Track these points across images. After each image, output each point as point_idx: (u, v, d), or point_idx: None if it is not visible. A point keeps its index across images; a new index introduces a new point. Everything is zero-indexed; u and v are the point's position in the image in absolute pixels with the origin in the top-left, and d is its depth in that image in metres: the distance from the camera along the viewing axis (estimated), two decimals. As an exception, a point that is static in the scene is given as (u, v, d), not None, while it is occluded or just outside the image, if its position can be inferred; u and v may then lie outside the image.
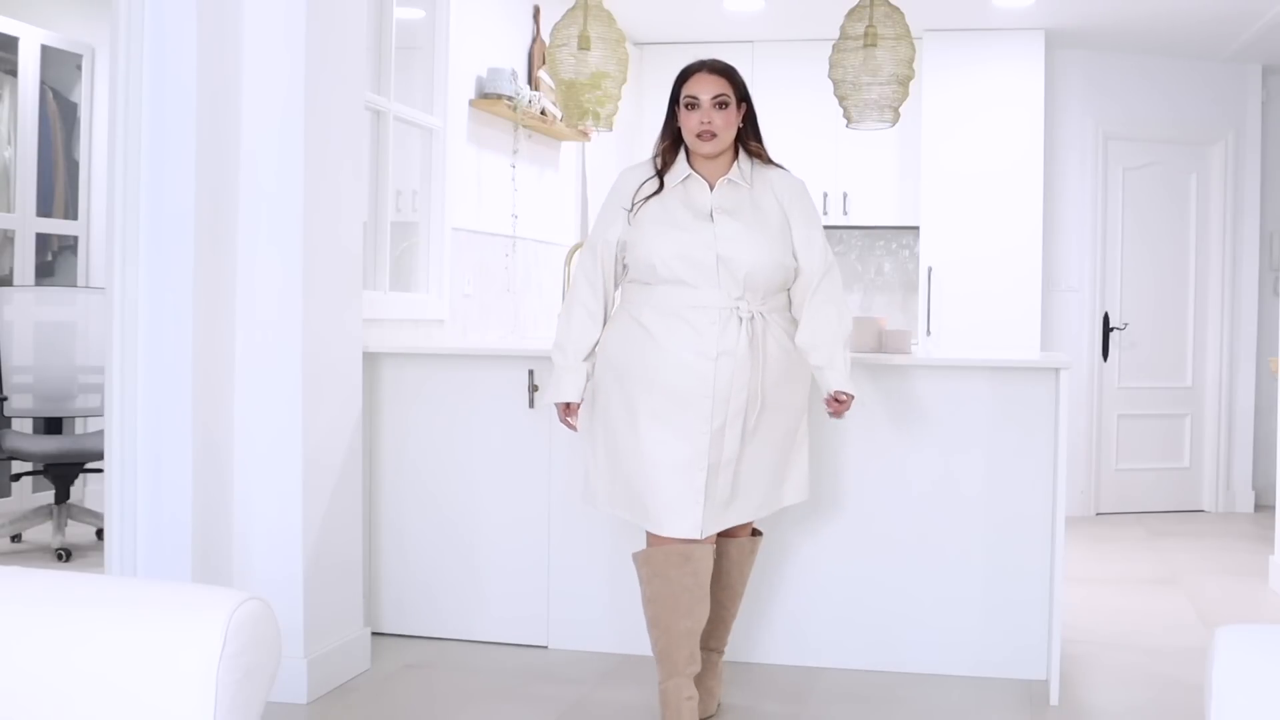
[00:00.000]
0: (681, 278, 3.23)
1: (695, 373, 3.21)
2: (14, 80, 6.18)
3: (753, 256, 3.24)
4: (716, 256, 3.23)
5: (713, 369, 3.20)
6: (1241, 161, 7.43)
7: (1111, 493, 7.31)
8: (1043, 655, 3.86)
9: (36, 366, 5.71)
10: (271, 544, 3.58)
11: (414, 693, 3.72)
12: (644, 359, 3.24)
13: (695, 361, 3.21)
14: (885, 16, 4.41)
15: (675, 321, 3.23)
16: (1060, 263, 7.20)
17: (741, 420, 3.24)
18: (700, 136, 3.27)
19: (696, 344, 3.21)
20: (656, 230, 3.27)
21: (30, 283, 6.17)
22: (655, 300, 3.27)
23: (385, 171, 4.80)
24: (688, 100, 3.29)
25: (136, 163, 3.36)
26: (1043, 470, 3.87)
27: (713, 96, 3.27)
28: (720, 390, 3.21)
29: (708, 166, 3.34)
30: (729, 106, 3.29)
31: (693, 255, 3.23)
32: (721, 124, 3.27)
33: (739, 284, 3.23)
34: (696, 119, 3.27)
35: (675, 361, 3.21)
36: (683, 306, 3.24)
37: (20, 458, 5.52)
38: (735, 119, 3.31)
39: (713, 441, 3.22)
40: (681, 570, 3.25)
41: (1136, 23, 6.63)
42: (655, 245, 3.25)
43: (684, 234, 3.25)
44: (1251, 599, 5.19)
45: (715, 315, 3.22)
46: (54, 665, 1.59)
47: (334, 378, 3.74)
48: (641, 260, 3.28)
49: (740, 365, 3.21)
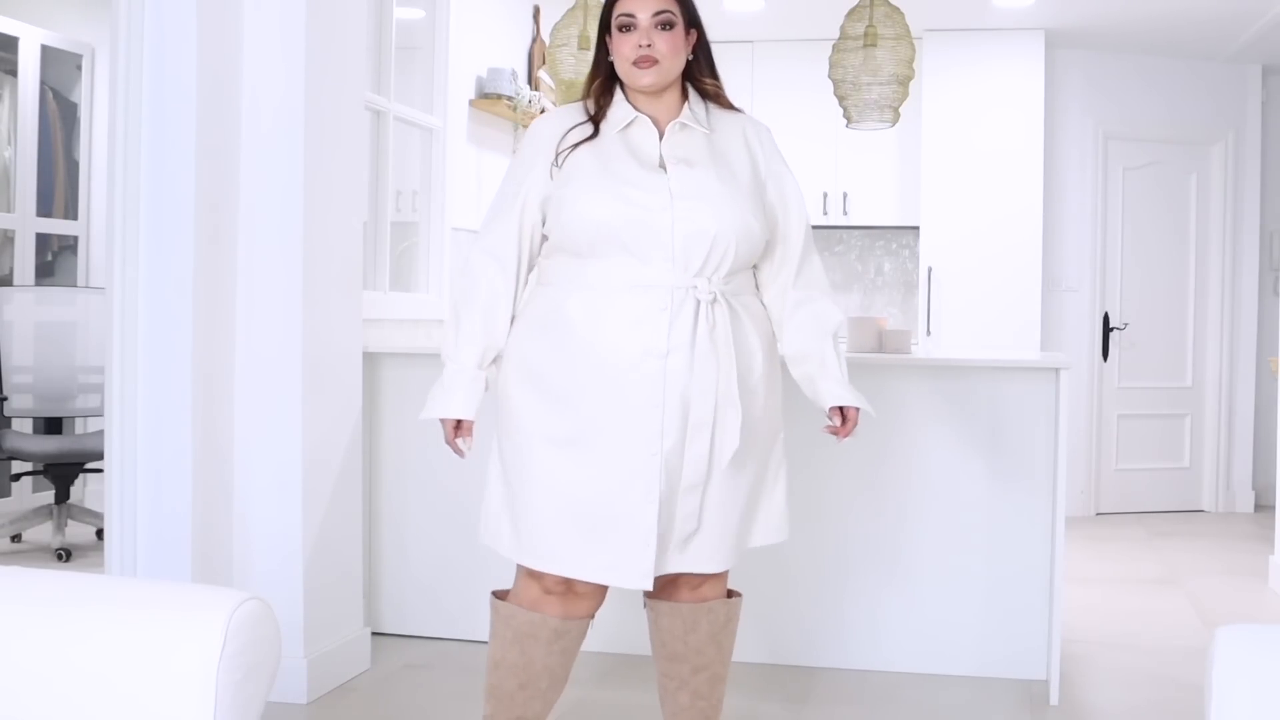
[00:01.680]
0: (627, 248, 2.50)
1: (640, 375, 2.49)
2: (14, 80, 6.18)
3: (719, 220, 2.51)
4: (673, 219, 2.50)
5: (662, 369, 2.49)
6: (1241, 161, 7.44)
7: (1111, 493, 7.31)
8: (1043, 655, 3.86)
9: (36, 366, 5.71)
10: (271, 544, 3.58)
11: (414, 693, 3.72)
12: (570, 359, 2.52)
13: (640, 361, 2.49)
14: (885, 16, 4.42)
15: (613, 308, 2.50)
16: (1060, 263, 7.20)
17: (706, 436, 2.52)
18: (638, 64, 2.56)
19: (641, 337, 2.49)
20: (593, 184, 2.52)
21: (30, 283, 6.17)
22: (587, 279, 2.54)
23: (385, 171, 4.80)
24: (621, 20, 2.58)
25: (136, 163, 3.36)
26: (1043, 470, 3.87)
27: (654, 14, 2.56)
28: (673, 398, 2.48)
29: (652, 107, 2.62)
30: (675, 28, 2.58)
31: (641, 217, 2.49)
32: (666, 49, 2.56)
33: (701, 256, 2.51)
34: (633, 42, 2.56)
35: (613, 361, 2.50)
36: (624, 287, 2.50)
37: (20, 458, 5.52)
38: (684, 45, 2.61)
39: (666, 465, 2.49)
40: (549, 647, 2.62)
41: (1136, 23, 6.63)
42: (590, 204, 2.51)
43: (631, 189, 2.51)
44: (1251, 599, 5.19)
45: (666, 298, 2.49)
46: (54, 665, 1.59)
47: (334, 378, 3.74)
48: (570, 225, 2.53)
49: (700, 364, 2.50)
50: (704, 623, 2.67)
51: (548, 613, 2.61)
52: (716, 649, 2.69)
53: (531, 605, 2.62)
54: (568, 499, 2.52)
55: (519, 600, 2.65)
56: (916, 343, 6.84)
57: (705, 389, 2.50)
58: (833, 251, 7.60)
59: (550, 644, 2.62)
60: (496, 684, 2.66)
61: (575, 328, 2.52)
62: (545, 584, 2.61)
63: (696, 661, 2.68)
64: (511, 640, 2.63)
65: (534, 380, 2.56)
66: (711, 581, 2.69)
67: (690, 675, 2.69)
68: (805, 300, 2.68)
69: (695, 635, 2.66)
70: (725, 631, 2.70)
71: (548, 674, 2.64)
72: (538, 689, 2.65)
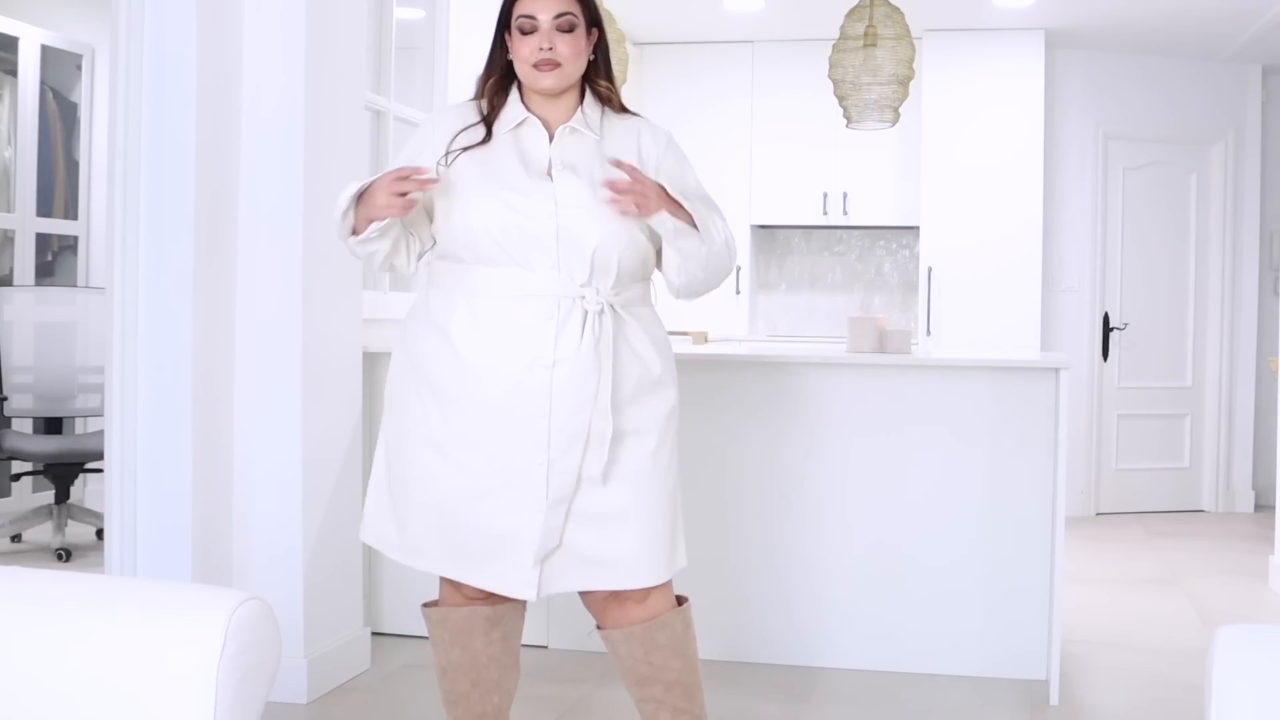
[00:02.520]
0: (512, 256, 2.47)
1: (525, 386, 2.46)
2: (14, 80, 6.18)
3: (603, 229, 2.48)
4: (557, 227, 2.47)
5: (548, 380, 2.46)
6: (1241, 161, 7.44)
7: (1111, 493, 7.31)
8: (1043, 655, 3.86)
9: (36, 366, 5.71)
10: (271, 544, 3.58)
11: (414, 693, 3.72)
12: (456, 365, 2.50)
13: (526, 371, 2.46)
14: (885, 16, 4.42)
15: (500, 317, 2.48)
16: (1060, 263, 7.20)
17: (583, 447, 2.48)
18: (538, 67, 2.52)
19: (527, 347, 2.46)
20: (477, 190, 2.50)
21: (30, 283, 6.17)
22: (472, 285, 2.51)
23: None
24: (522, 22, 2.53)
25: (136, 163, 3.36)
26: (1043, 470, 3.87)
27: (555, 16, 2.52)
28: (560, 408, 2.46)
29: (546, 109, 2.58)
30: (576, 30, 2.54)
31: (525, 225, 2.46)
32: (568, 51, 2.52)
33: (585, 265, 2.47)
34: (533, 44, 2.52)
35: (498, 371, 2.47)
36: (509, 295, 2.48)
37: (20, 458, 5.52)
38: (585, 47, 2.57)
39: (552, 474, 2.47)
40: (488, 637, 2.65)
41: (1136, 23, 6.63)
42: (475, 210, 2.48)
43: (515, 196, 2.48)
44: (1251, 599, 5.19)
45: (552, 307, 2.46)
46: (53, 665, 1.59)
47: (334, 378, 3.74)
48: (456, 232, 2.51)
49: (584, 375, 2.47)
50: (661, 638, 2.59)
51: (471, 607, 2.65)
52: (682, 660, 2.62)
53: (459, 605, 2.67)
54: (450, 503, 2.51)
55: (447, 603, 2.69)
56: (916, 343, 6.85)
57: (586, 400, 2.46)
58: (833, 251, 7.60)
59: (488, 634, 2.66)
60: (450, 689, 2.71)
61: (463, 334, 2.50)
62: (465, 591, 2.66)
63: (666, 679, 2.61)
64: (451, 641, 2.67)
65: (422, 380, 2.54)
66: (656, 594, 2.59)
67: (664, 694, 2.62)
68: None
69: (657, 653, 2.59)
70: (685, 639, 2.63)
71: (495, 664, 2.68)
72: (490, 681, 2.69)
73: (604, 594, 2.59)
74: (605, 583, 2.54)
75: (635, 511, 2.52)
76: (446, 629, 2.67)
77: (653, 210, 2.48)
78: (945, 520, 3.95)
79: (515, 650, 2.72)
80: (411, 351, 2.58)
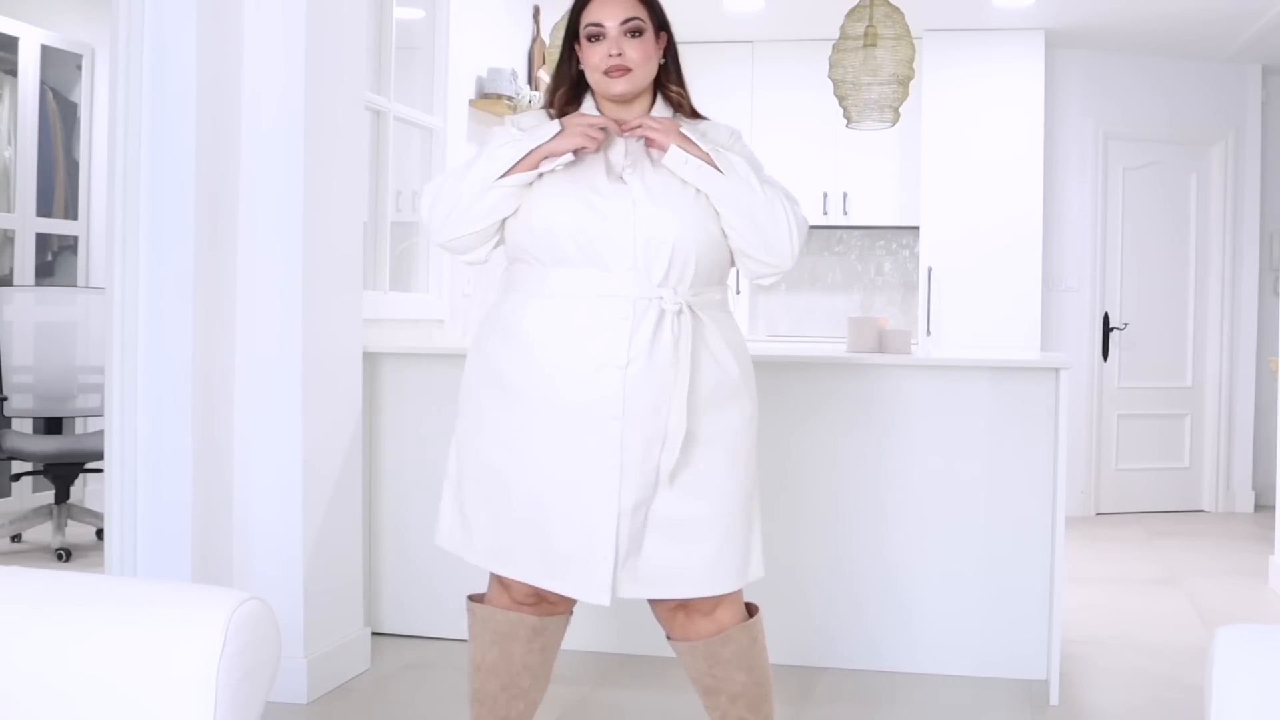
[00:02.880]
0: (589, 256, 2.47)
1: (599, 386, 2.44)
2: (14, 80, 6.18)
3: (681, 227, 2.47)
4: (635, 227, 2.46)
5: (621, 380, 2.44)
6: (1241, 161, 7.44)
7: (1111, 493, 7.31)
8: (1043, 655, 3.86)
9: (36, 366, 5.71)
10: (271, 544, 3.58)
11: (414, 693, 3.72)
12: (531, 367, 2.48)
13: (599, 371, 2.44)
14: (885, 16, 4.42)
15: (574, 317, 2.47)
16: (1060, 263, 7.20)
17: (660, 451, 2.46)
18: (609, 73, 2.52)
19: (600, 347, 2.44)
20: (555, 192, 2.49)
21: (30, 283, 6.18)
22: (550, 286, 2.50)
23: (385, 171, 4.80)
24: (590, 29, 2.53)
25: (136, 163, 3.36)
26: (1043, 470, 3.87)
27: (622, 22, 2.51)
28: (634, 409, 2.44)
29: (620, 114, 2.58)
30: (644, 34, 2.53)
31: (604, 226, 2.46)
32: (637, 56, 2.52)
33: (663, 265, 2.47)
34: (603, 51, 2.51)
35: (571, 372, 2.45)
36: (585, 295, 2.47)
37: (20, 458, 5.52)
38: (654, 51, 2.56)
39: (626, 477, 2.45)
40: (528, 645, 2.61)
41: (1136, 23, 6.63)
42: (552, 212, 2.48)
43: (595, 197, 2.48)
44: (1251, 599, 5.19)
45: (627, 308, 2.45)
46: (53, 665, 1.59)
47: (334, 378, 3.74)
48: (536, 230, 2.50)
49: (659, 375, 2.45)
50: (725, 653, 2.59)
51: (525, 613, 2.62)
52: (747, 673, 2.61)
53: (506, 607, 2.64)
54: (523, 506, 2.49)
55: (494, 603, 2.65)
56: (916, 343, 6.85)
57: (662, 403, 2.44)
58: (833, 251, 7.60)
59: (529, 642, 2.61)
60: (479, 688, 2.66)
61: (536, 336, 2.48)
62: (514, 594, 2.62)
63: (730, 690, 2.61)
64: (491, 642, 2.63)
65: (495, 383, 2.53)
66: (725, 606, 2.58)
67: (729, 704, 2.63)
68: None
69: (721, 667, 2.60)
70: (752, 653, 2.62)
71: (529, 672, 2.64)
72: (520, 688, 2.65)
73: (672, 603, 2.57)
74: (673, 591, 2.51)
75: (707, 521, 2.49)
76: (488, 629, 2.63)
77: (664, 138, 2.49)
78: (945, 520, 3.95)
79: (551, 662, 2.69)
80: (484, 354, 2.57)
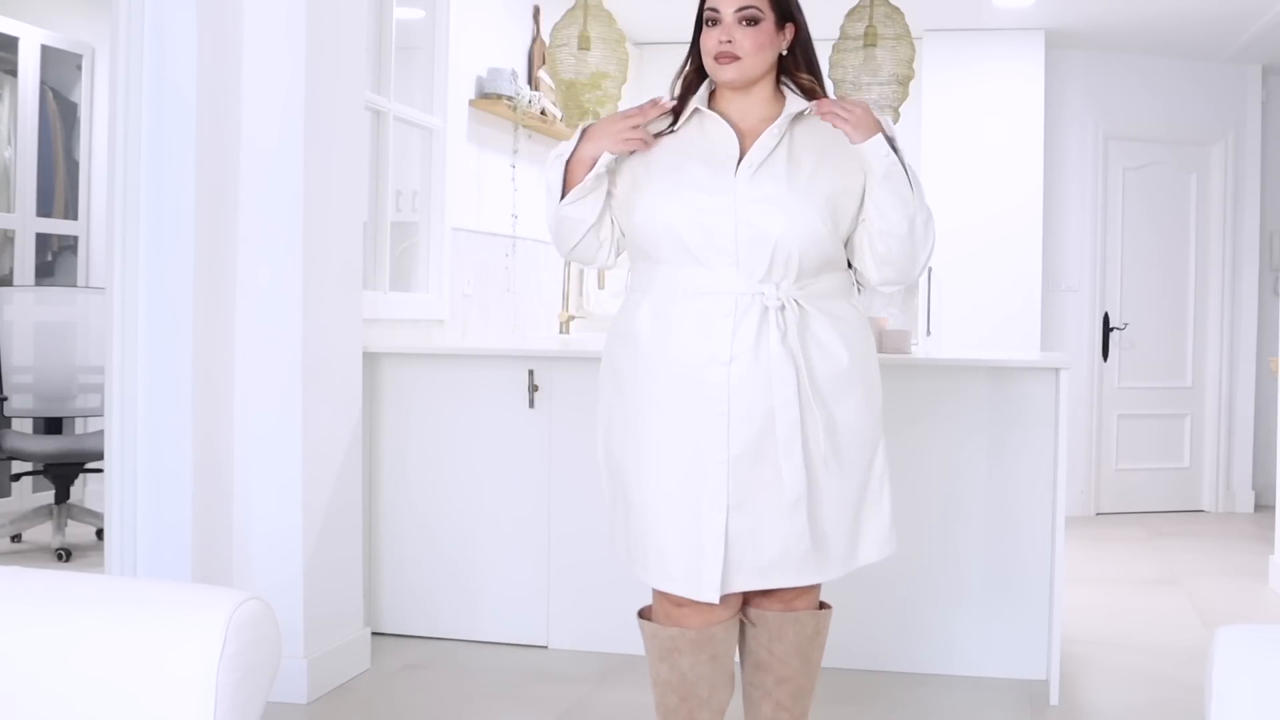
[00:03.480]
0: (691, 253, 2.47)
1: (704, 383, 2.45)
2: (14, 80, 6.18)
3: (786, 223, 2.44)
4: (736, 223, 2.44)
5: (726, 377, 2.44)
6: (1241, 161, 7.44)
7: (1111, 493, 7.31)
8: (1043, 655, 3.86)
9: (36, 366, 5.71)
10: (271, 544, 3.58)
11: (414, 693, 3.72)
12: (643, 367, 2.51)
13: (704, 369, 2.45)
14: (885, 16, 4.42)
15: (679, 314, 2.48)
16: (1060, 263, 7.20)
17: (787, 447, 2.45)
18: (718, 60, 2.49)
19: (704, 344, 2.45)
20: (659, 190, 2.50)
21: (30, 283, 6.17)
22: (658, 285, 2.52)
23: (385, 171, 4.80)
24: (708, 13, 2.52)
25: (136, 163, 3.36)
26: (1043, 470, 3.87)
27: (737, 9, 2.48)
28: (739, 406, 2.44)
29: (735, 103, 2.55)
30: (760, 23, 2.49)
31: (705, 222, 2.45)
32: (749, 45, 2.47)
33: (764, 261, 2.45)
34: (716, 37, 2.49)
35: (676, 369, 2.47)
36: (690, 293, 2.48)
37: (20, 458, 5.52)
38: (772, 41, 2.51)
39: (733, 473, 2.45)
40: (695, 657, 2.56)
41: (1136, 23, 6.63)
42: (656, 211, 2.49)
43: (696, 193, 2.47)
44: (1251, 599, 5.19)
45: (730, 304, 2.45)
46: (54, 665, 1.59)
47: (334, 378, 3.74)
48: (640, 227, 2.52)
49: (772, 372, 2.44)
50: (790, 633, 2.61)
51: (686, 625, 2.56)
52: (802, 661, 2.64)
53: (668, 619, 2.58)
54: (650, 510, 2.50)
55: (656, 616, 2.62)
56: (916, 343, 6.84)
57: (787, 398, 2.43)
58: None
59: (695, 654, 2.56)
60: (660, 700, 2.64)
61: (646, 334, 2.51)
62: (673, 600, 2.57)
63: (780, 672, 2.63)
64: (659, 656, 2.60)
65: (619, 387, 2.57)
66: (804, 592, 2.63)
67: (774, 686, 2.64)
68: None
69: (780, 644, 2.61)
70: (813, 644, 2.65)
71: (704, 682, 2.58)
72: (699, 698, 2.59)
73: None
74: (784, 580, 2.51)
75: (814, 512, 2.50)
76: (655, 645, 2.60)
77: (864, 129, 2.43)
78: (945, 520, 3.95)
79: (728, 668, 2.62)
80: (606, 355, 2.62)
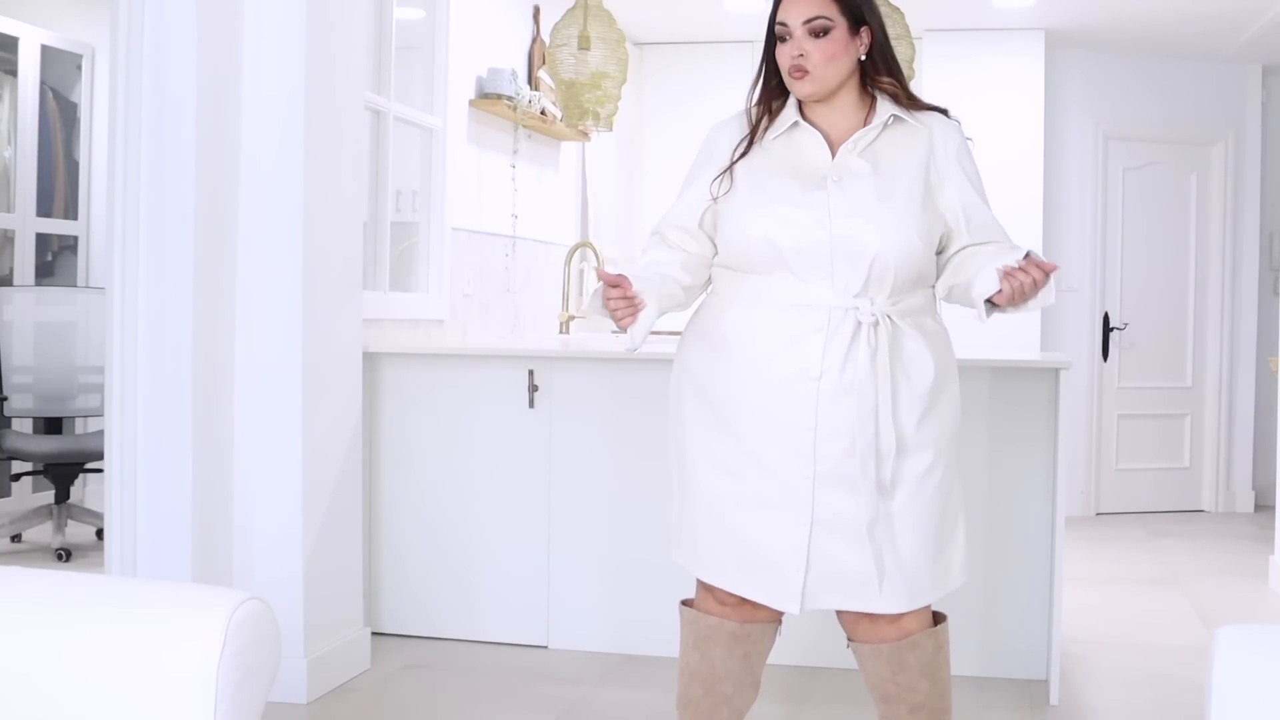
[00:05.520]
0: (785, 266, 2.43)
1: (791, 397, 2.41)
2: (14, 80, 6.18)
3: (881, 238, 2.40)
4: (830, 237, 2.40)
5: (815, 393, 2.40)
6: (1241, 161, 7.44)
7: (1111, 493, 7.31)
8: (1043, 655, 3.86)
9: (36, 366, 5.71)
10: (271, 544, 3.58)
11: (414, 693, 3.72)
12: (727, 374, 2.48)
13: (793, 383, 2.41)
14: (885, 16, 4.41)
15: (769, 325, 2.44)
16: (1060, 262, 7.16)
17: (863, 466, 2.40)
18: (791, 74, 2.46)
19: (794, 357, 2.41)
20: (750, 203, 2.47)
21: (30, 283, 6.17)
22: (746, 293, 2.49)
23: (385, 171, 4.80)
24: (778, 29, 2.49)
25: (136, 163, 3.36)
26: (1043, 470, 3.87)
27: (805, 21, 2.44)
28: (827, 422, 2.40)
29: (822, 114, 2.51)
30: (831, 33, 2.44)
31: (798, 236, 2.41)
32: (819, 57, 2.44)
33: (861, 276, 2.40)
34: (788, 52, 2.46)
35: (764, 380, 2.43)
36: (782, 305, 2.44)
37: (20, 458, 5.52)
38: (845, 50, 2.46)
39: (819, 488, 2.42)
40: (729, 651, 2.56)
41: (1136, 23, 6.63)
42: (747, 224, 2.46)
43: (787, 208, 2.43)
44: (1251, 599, 5.19)
45: (823, 319, 2.40)
46: (53, 665, 1.59)
47: (334, 378, 3.74)
48: (731, 241, 2.49)
49: (859, 389, 2.39)
50: (910, 659, 2.51)
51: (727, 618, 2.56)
52: (930, 683, 2.53)
53: (710, 611, 2.59)
54: (726, 516, 2.48)
55: (699, 607, 2.61)
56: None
57: (866, 415, 2.39)
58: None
59: (730, 648, 2.56)
60: (684, 691, 2.63)
61: (733, 340, 2.47)
62: (717, 596, 2.57)
63: (911, 700, 2.53)
64: (693, 645, 2.59)
65: (698, 390, 2.53)
66: (913, 612, 2.50)
67: (909, 714, 2.54)
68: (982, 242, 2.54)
69: (904, 674, 2.51)
70: (936, 662, 2.53)
71: (730, 679, 2.58)
72: (722, 694, 2.59)
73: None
74: (868, 605, 2.46)
75: (900, 533, 2.44)
76: (693, 632, 2.59)
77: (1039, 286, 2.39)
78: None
79: (757, 671, 2.62)
80: (684, 357, 2.58)
